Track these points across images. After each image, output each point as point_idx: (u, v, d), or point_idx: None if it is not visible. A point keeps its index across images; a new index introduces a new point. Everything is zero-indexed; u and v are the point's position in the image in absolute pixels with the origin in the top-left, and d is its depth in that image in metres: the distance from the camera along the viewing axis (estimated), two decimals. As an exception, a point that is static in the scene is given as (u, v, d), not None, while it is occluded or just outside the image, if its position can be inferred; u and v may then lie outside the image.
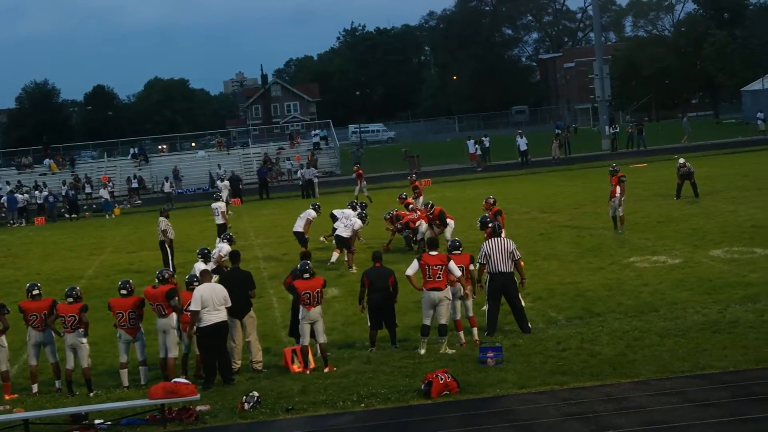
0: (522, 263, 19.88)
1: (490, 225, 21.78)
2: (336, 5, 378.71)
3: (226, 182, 54.21)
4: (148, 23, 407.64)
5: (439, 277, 18.07)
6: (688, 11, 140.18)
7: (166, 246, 31.48)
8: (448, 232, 29.13)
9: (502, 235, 20.69)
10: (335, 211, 31.35)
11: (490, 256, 19.22)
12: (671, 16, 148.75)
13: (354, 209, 30.46)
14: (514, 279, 19.37)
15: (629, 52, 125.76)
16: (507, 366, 16.35)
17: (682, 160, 38.43)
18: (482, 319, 19.27)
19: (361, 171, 51.80)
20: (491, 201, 26.74)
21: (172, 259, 31.01)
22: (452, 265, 18.26)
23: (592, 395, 14.50)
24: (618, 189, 31.21)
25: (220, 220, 35.57)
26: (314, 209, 30.80)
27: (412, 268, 18.37)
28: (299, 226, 30.36)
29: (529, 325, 19.12)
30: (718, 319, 18.50)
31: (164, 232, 31.41)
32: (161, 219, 31.71)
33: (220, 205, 36.20)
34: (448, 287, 18.20)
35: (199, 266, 22.64)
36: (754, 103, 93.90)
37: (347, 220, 29.21)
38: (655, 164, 57.33)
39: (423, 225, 29.70)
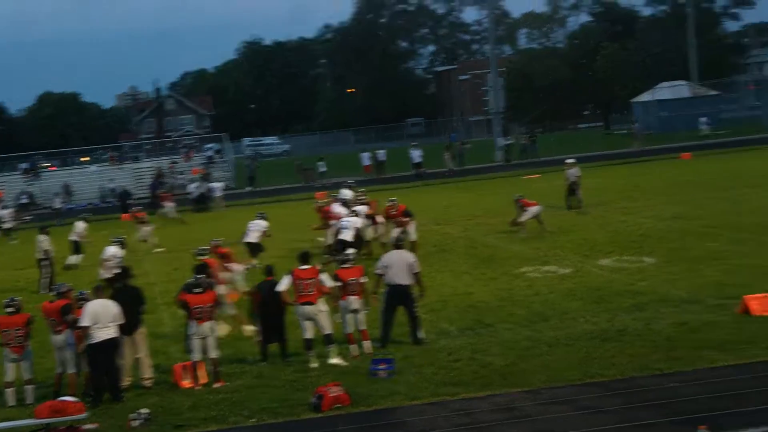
0: (421, 276, 19.89)
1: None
2: (232, 18, 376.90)
3: (10, 210, 52.45)
4: (39, 36, 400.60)
5: (310, 291, 18.09)
6: (581, 23, 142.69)
7: (49, 264, 30.77)
8: (412, 231, 29.93)
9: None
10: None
11: (388, 267, 19.20)
12: (565, 29, 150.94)
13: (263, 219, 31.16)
14: (410, 291, 19.33)
15: (523, 64, 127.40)
16: (399, 378, 16.36)
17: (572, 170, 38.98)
18: (375, 331, 19.22)
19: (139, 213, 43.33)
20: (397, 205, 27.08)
21: (53, 277, 30.17)
22: (323, 277, 18.36)
23: (482, 405, 14.59)
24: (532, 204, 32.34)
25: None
26: (263, 218, 31.29)
27: (283, 284, 18.35)
28: (252, 237, 30.49)
29: (422, 336, 19.10)
30: (606, 328, 18.76)
31: (46, 251, 30.68)
32: (42, 237, 31.00)
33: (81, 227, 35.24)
34: (321, 301, 18.25)
35: (111, 250, 23.91)
36: (644, 113, 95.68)
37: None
38: (548, 175, 57.90)
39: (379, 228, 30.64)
